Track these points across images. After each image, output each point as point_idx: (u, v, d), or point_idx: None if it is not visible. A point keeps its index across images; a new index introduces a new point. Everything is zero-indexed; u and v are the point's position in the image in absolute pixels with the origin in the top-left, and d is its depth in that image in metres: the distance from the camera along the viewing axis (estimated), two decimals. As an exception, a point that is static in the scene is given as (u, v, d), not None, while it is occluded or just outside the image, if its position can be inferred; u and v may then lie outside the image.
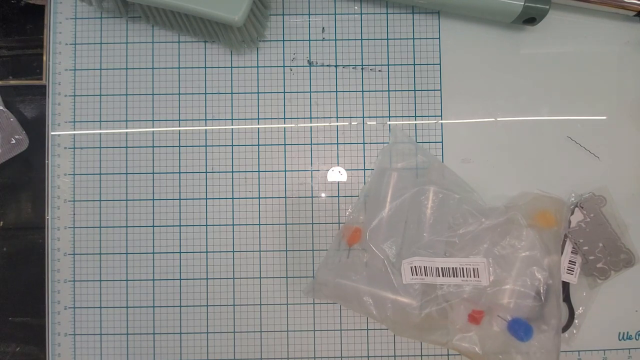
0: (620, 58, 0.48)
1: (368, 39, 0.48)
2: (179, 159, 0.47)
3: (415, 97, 0.48)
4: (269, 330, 0.47)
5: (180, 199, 0.47)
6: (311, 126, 0.48)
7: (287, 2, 0.48)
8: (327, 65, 0.48)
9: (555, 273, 0.42)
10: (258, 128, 0.48)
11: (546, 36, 0.48)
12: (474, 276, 0.42)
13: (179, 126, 0.48)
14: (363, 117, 0.48)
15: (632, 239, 0.45)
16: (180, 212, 0.47)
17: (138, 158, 0.47)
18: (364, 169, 0.47)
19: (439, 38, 0.48)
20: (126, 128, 0.48)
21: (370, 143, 0.47)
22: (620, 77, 0.48)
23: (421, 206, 0.44)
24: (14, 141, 0.47)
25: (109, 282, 0.47)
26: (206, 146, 0.47)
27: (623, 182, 0.47)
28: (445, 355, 0.47)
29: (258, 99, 0.48)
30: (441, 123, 0.47)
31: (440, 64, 0.48)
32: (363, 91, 0.48)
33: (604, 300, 0.46)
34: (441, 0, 0.45)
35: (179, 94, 0.48)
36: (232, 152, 0.47)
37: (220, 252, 0.47)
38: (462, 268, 0.42)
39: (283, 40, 0.48)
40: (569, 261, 0.45)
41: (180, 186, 0.47)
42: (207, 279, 0.47)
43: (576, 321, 0.46)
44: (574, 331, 0.46)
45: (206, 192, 0.47)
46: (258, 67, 0.48)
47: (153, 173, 0.47)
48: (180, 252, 0.47)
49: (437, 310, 0.42)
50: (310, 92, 0.48)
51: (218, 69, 0.48)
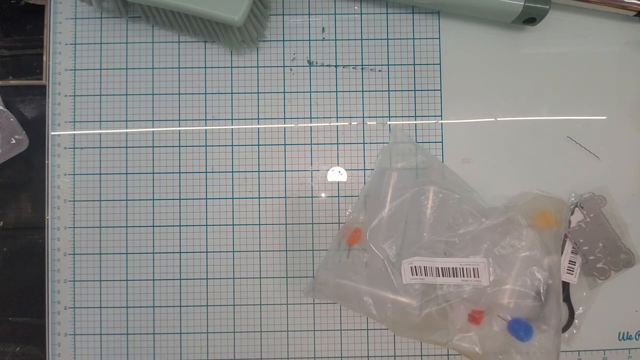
0: (620, 58, 0.48)
1: (368, 39, 0.48)
2: (179, 159, 0.47)
3: (415, 97, 0.48)
4: (269, 330, 0.47)
5: (180, 199, 0.47)
6: (311, 126, 0.48)
7: (287, 2, 0.48)
8: (327, 65, 0.48)
9: (555, 273, 0.42)
10: (258, 128, 0.48)
11: (546, 36, 0.48)
12: (474, 276, 0.42)
13: (179, 126, 0.48)
14: (363, 117, 0.48)
15: (632, 239, 0.45)
16: (180, 212, 0.47)
17: (138, 158, 0.47)
18: (364, 169, 0.47)
19: (439, 38, 0.48)
20: (126, 128, 0.48)
21: (370, 143, 0.47)
22: (620, 77, 0.48)
23: (421, 206, 0.44)
24: (14, 141, 0.47)
25: (109, 282, 0.47)
26: (206, 146, 0.47)
27: (623, 182, 0.47)
28: (445, 355, 0.47)
29: (258, 99, 0.48)
30: (441, 123, 0.47)
31: (440, 64, 0.48)
32: (363, 91, 0.48)
33: (604, 300, 0.46)
34: (441, 0, 0.45)
35: (179, 94, 0.48)
36: (232, 152, 0.47)
37: (220, 252, 0.47)
38: (462, 268, 0.42)
39: (283, 40, 0.48)
40: (569, 261, 0.45)
41: (180, 186, 0.47)
42: (207, 279, 0.47)
43: (576, 321, 0.46)
44: (574, 331, 0.46)
45: (206, 192, 0.47)
46: (258, 67, 0.48)
47: (153, 173, 0.47)
48: (180, 252, 0.47)
49: (437, 310, 0.42)
50: (310, 92, 0.48)
51: (218, 69, 0.48)
